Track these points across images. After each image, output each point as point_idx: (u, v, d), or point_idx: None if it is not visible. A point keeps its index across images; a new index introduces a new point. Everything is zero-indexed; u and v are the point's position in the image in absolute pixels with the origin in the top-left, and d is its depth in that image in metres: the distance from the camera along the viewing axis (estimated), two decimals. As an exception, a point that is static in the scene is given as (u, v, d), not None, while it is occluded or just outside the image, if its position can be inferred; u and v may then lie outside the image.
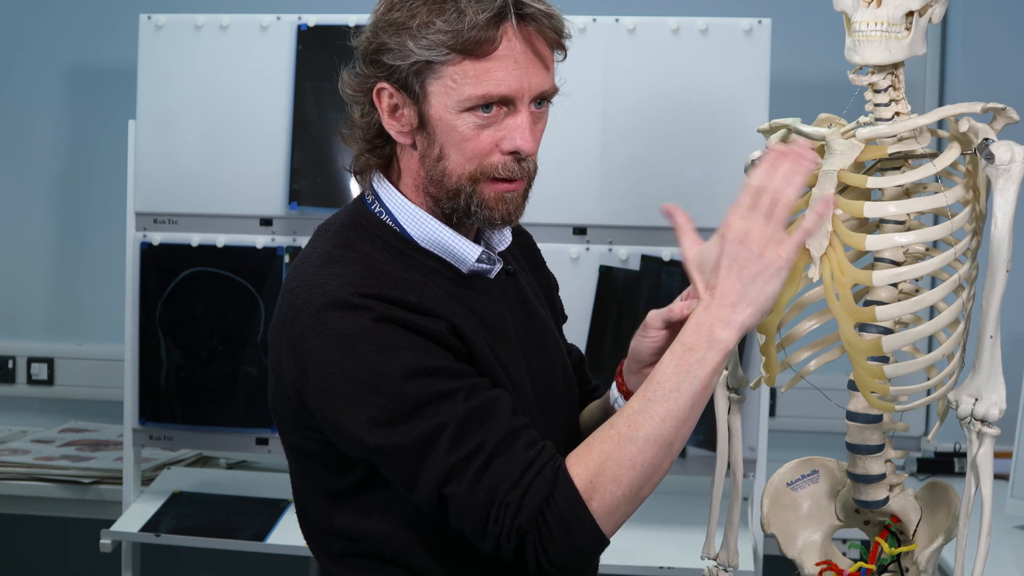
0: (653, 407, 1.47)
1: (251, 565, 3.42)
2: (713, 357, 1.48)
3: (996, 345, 1.63)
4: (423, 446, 1.47)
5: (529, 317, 1.71)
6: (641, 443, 1.46)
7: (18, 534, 3.66)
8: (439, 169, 1.58)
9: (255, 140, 2.91)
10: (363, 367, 1.48)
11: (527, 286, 1.75)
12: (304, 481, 1.67)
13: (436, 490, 1.48)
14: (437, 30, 1.52)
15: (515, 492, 1.45)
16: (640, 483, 1.47)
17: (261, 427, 2.92)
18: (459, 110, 1.54)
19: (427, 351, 1.51)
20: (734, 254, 1.49)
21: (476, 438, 1.47)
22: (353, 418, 1.49)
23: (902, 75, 1.68)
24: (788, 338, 1.75)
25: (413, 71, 1.54)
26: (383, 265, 1.56)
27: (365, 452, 1.51)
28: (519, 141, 1.55)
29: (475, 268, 1.63)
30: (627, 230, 2.82)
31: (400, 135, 1.59)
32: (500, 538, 1.47)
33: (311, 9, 2.92)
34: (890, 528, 1.81)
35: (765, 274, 1.48)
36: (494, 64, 1.53)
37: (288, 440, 1.65)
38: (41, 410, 3.63)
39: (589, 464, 1.47)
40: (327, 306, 1.51)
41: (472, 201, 1.57)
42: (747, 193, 1.50)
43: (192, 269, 2.94)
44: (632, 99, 2.81)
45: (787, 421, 3.29)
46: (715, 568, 1.92)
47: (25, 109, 3.62)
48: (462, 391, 1.50)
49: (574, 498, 1.45)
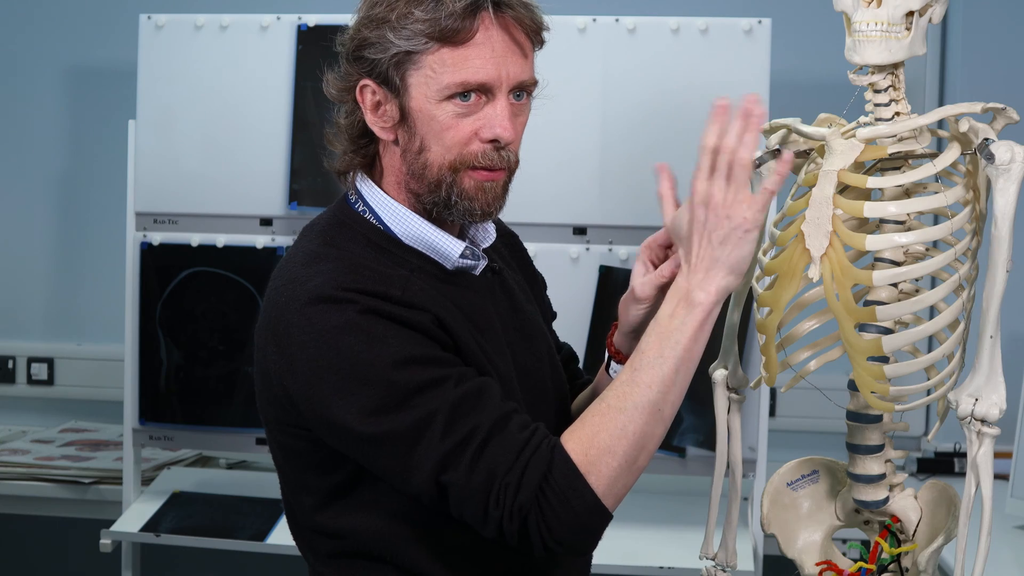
0: (639, 375, 1.50)
1: (251, 565, 3.42)
2: (692, 320, 1.50)
3: (996, 345, 1.63)
4: (415, 434, 1.48)
5: (516, 314, 1.71)
6: (630, 412, 1.48)
7: (18, 534, 3.66)
8: (420, 161, 1.59)
9: (255, 140, 2.91)
10: (350, 358, 1.49)
11: (514, 283, 1.76)
12: (291, 481, 1.67)
13: (433, 478, 1.48)
14: (416, 19, 1.53)
15: (513, 473, 1.46)
16: (634, 452, 1.49)
17: (261, 427, 2.90)
18: (439, 99, 1.56)
19: (414, 341, 1.52)
20: (701, 219, 1.52)
21: (469, 423, 1.48)
22: (343, 409, 1.49)
23: (902, 75, 1.68)
24: (788, 338, 1.75)
25: (393, 63, 1.56)
26: (367, 261, 1.57)
27: (357, 444, 1.52)
28: (498, 129, 1.57)
29: (459, 264, 1.64)
30: (627, 230, 2.82)
31: (383, 131, 1.61)
32: (502, 521, 1.47)
33: (311, 9, 2.92)
34: (890, 528, 1.81)
35: (733, 236, 1.50)
36: (472, 51, 1.55)
37: (275, 439, 1.66)
38: (41, 410, 3.63)
39: (582, 438, 1.49)
40: (311, 301, 1.52)
41: (452, 191, 1.58)
42: (704, 156, 1.53)
43: (192, 269, 2.94)
44: (632, 99, 2.81)
45: (787, 421, 3.29)
46: (713, 568, 1.91)
47: (25, 109, 3.62)
48: (451, 378, 1.50)
49: (572, 472, 1.47)
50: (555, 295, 1.91)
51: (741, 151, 1.51)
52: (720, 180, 1.51)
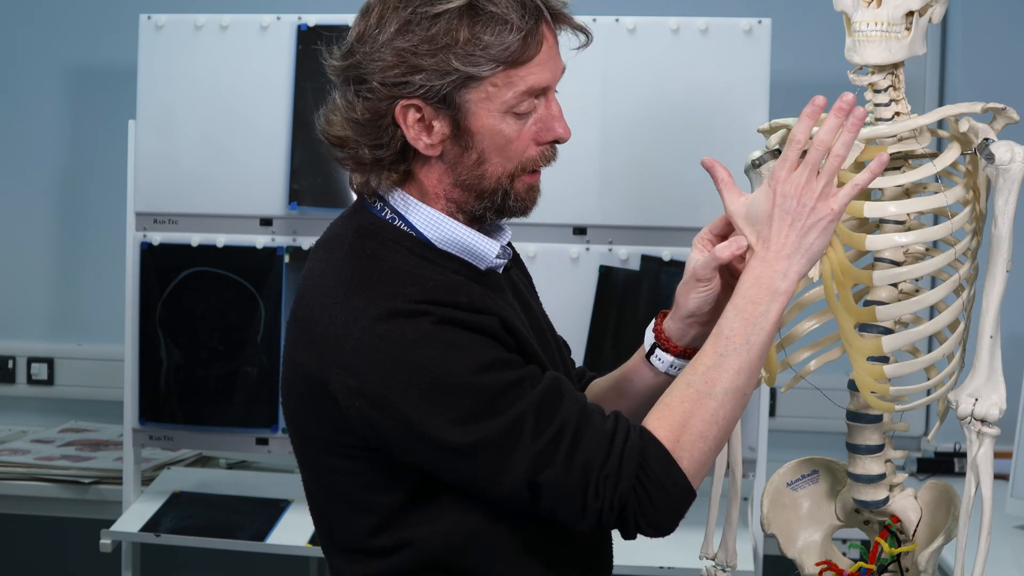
0: (727, 361, 1.52)
1: (251, 565, 3.42)
2: (776, 308, 1.53)
3: (996, 345, 1.64)
4: (509, 438, 1.47)
5: (527, 310, 1.70)
6: (720, 397, 1.51)
7: (18, 534, 3.66)
8: (477, 174, 1.56)
9: (255, 140, 2.91)
10: (433, 370, 1.47)
11: (518, 279, 1.75)
12: (338, 502, 1.61)
13: (525, 480, 1.47)
14: (485, 45, 1.50)
15: (610, 464, 1.47)
16: (723, 436, 1.53)
17: (261, 427, 2.92)
18: (502, 112, 1.54)
19: (489, 346, 1.51)
20: (786, 207, 1.54)
21: (557, 420, 1.48)
22: (433, 423, 1.47)
23: (902, 75, 1.68)
24: (788, 338, 1.76)
25: (453, 85, 1.52)
26: (421, 270, 1.54)
27: (447, 455, 1.49)
28: (560, 130, 1.58)
29: (492, 264, 1.63)
30: (627, 230, 2.82)
31: (428, 148, 1.56)
32: (602, 512, 1.48)
33: (311, 9, 2.92)
34: (890, 528, 1.81)
35: (817, 227, 1.53)
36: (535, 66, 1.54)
37: (323, 463, 1.60)
38: (41, 410, 3.63)
39: (672, 424, 1.50)
40: (381, 317, 1.48)
41: (509, 197, 1.58)
42: (792, 147, 1.54)
43: (192, 269, 2.94)
44: (632, 99, 2.81)
45: (787, 421, 3.29)
46: (713, 568, 1.92)
47: (25, 109, 3.62)
48: (527, 378, 1.50)
49: (666, 459, 1.49)
50: (555, 295, 1.91)
51: (838, 147, 1.53)
52: (810, 172, 1.53)
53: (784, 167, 1.54)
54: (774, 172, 1.55)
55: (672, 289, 1.63)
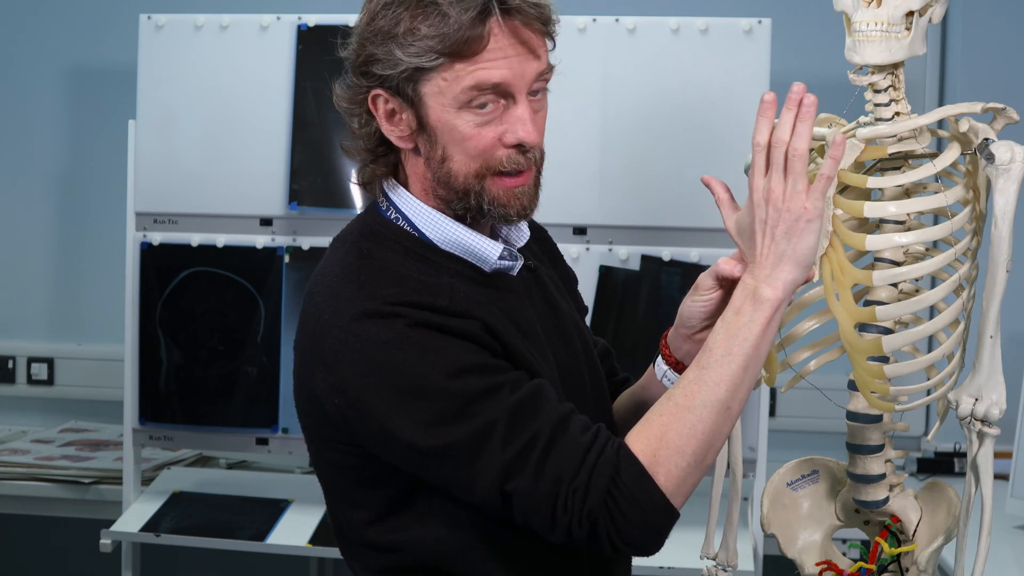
0: (706, 374, 1.49)
1: (251, 565, 3.42)
2: (760, 317, 1.50)
3: (996, 345, 1.63)
4: (476, 444, 1.46)
5: (554, 312, 1.69)
6: (699, 411, 1.47)
7: (18, 534, 3.66)
8: (444, 170, 1.56)
9: (255, 140, 2.91)
10: (404, 372, 1.47)
11: (548, 280, 1.73)
12: (341, 496, 1.63)
13: (496, 487, 1.46)
14: (423, 36, 1.50)
15: (580, 477, 1.44)
16: (703, 451, 1.47)
17: (261, 427, 2.93)
18: (456, 108, 1.52)
19: (466, 350, 1.49)
20: (763, 216, 1.51)
21: (529, 429, 1.46)
22: (401, 424, 1.47)
23: (902, 75, 1.68)
24: (788, 338, 1.76)
25: (404, 77, 1.53)
26: (408, 271, 1.54)
27: (417, 458, 1.49)
28: (521, 133, 1.54)
29: (498, 266, 1.61)
30: (627, 230, 2.82)
31: (401, 140, 1.58)
32: (571, 526, 1.45)
33: (311, 9, 2.92)
34: (890, 528, 1.81)
35: (796, 228, 1.50)
36: (484, 62, 1.51)
37: (323, 456, 1.62)
38: (41, 410, 3.63)
39: (650, 438, 1.47)
40: (357, 317, 1.49)
41: (483, 199, 1.56)
42: (757, 153, 1.52)
43: (192, 269, 2.94)
44: (632, 99, 2.81)
45: (787, 421, 3.29)
46: (714, 568, 1.91)
47: (25, 109, 3.62)
48: (506, 385, 1.48)
49: (640, 473, 1.45)
50: (555, 295, 1.91)
51: (796, 141, 1.50)
52: (777, 174, 1.51)
53: (755, 175, 1.53)
54: (749, 182, 1.53)
55: (672, 289, 1.63)
